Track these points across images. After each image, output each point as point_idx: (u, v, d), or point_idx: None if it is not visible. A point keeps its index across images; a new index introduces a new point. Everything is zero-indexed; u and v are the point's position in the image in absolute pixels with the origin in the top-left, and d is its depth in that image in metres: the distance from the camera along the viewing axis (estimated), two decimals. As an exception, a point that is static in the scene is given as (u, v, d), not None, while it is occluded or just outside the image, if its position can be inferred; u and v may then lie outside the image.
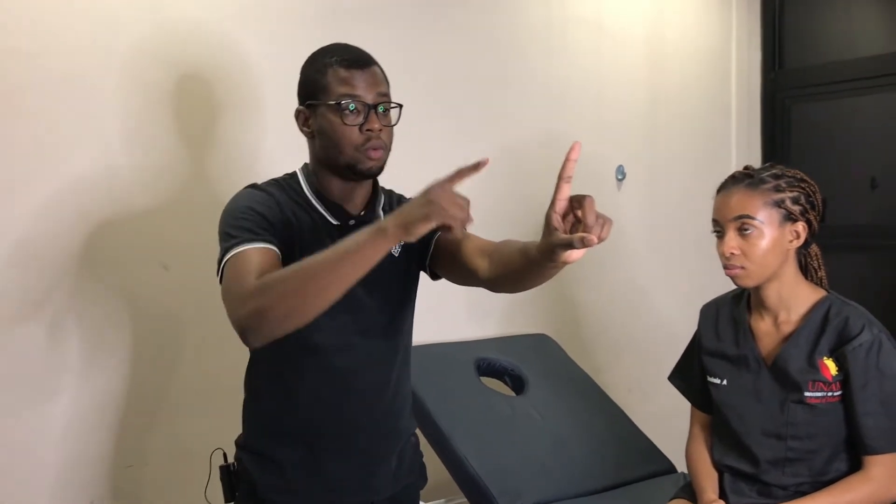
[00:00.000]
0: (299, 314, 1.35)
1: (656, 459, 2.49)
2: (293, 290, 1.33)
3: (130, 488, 2.19)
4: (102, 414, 2.14)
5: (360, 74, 1.53)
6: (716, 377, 1.87)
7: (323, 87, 1.54)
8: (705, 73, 3.58)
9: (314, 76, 1.57)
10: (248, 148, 2.33)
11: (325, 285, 1.32)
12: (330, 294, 1.34)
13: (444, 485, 2.35)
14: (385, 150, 1.56)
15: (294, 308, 1.34)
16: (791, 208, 1.73)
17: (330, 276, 1.32)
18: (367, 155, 1.53)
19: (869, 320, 1.72)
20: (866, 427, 1.69)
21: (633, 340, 3.30)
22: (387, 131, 1.56)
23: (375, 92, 1.54)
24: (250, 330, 1.37)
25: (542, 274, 1.45)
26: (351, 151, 1.53)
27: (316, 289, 1.33)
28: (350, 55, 1.56)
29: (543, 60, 3.04)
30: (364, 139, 1.52)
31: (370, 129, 1.52)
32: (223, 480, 1.67)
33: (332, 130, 1.53)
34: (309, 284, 1.33)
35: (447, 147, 2.77)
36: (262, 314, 1.34)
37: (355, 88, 1.52)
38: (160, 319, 2.20)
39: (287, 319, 1.35)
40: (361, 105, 1.52)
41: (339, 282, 1.33)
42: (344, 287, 1.34)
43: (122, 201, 2.13)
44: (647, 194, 3.37)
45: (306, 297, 1.33)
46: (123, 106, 2.14)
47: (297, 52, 1.64)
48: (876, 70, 3.46)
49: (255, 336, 1.38)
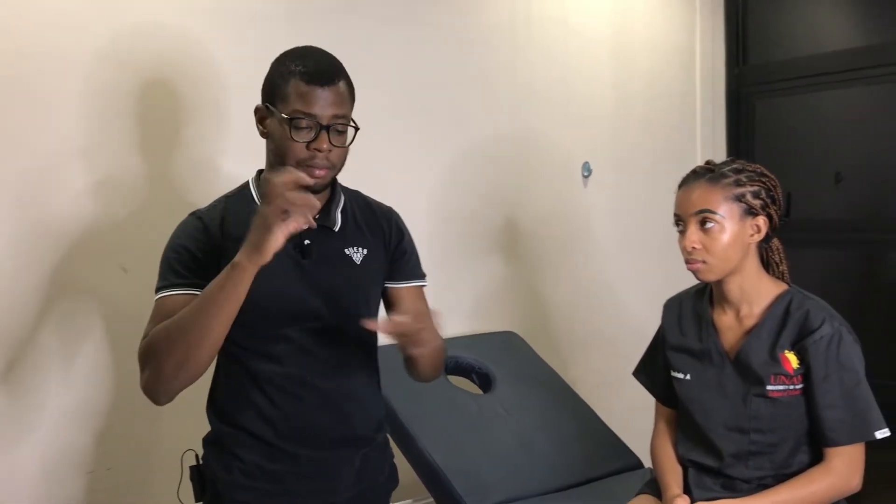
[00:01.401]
0: (190, 364, 1.43)
1: (623, 455, 2.50)
2: (173, 343, 1.42)
3: (99, 493, 2.16)
4: (73, 418, 2.12)
5: (320, 92, 1.50)
6: (680, 372, 1.87)
7: (282, 95, 1.52)
8: (670, 70, 3.60)
9: (277, 80, 1.54)
10: (210, 152, 2.31)
11: (202, 332, 1.41)
12: (211, 338, 1.42)
13: (412, 485, 2.34)
14: (331, 169, 1.55)
15: (181, 361, 1.42)
16: (752, 202, 1.73)
17: (203, 322, 1.40)
18: (309, 172, 1.50)
19: (829, 314, 1.73)
20: (827, 420, 1.70)
21: (600, 337, 3.31)
22: (337, 152, 1.54)
23: (332, 113, 1.51)
24: (153, 395, 1.49)
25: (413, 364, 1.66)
26: (293, 165, 1.50)
27: (195, 338, 1.41)
28: (315, 68, 1.52)
29: (510, 58, 3.04)
30: (309, 156, 1.51)
31: (318, 148, 1.50)
32: (193, 480, 1.67)
33: (279, 141, 1.52)
34: (187, 336, 1.41)
35: (414, 145, 2.76)
36: (155, 379, 1.45)
37: (311, 107, 1.50)
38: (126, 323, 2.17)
39: (179, 372, 1.43)
40: (314, 123, 1.50)
41: (214, 324, 1.41)
42: (222, 327, 1.42)
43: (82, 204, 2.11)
44: (613, 190, 3.38)
45: (188, 347, 1.41)
46: (85, 109, 2.11)
47: (262, 56, 1.62)
48: (839, 65, 3.50)
49: (159, 397, 1.49)
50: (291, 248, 1.56)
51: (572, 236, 3.25)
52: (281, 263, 1.55)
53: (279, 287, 1.55)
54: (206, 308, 1.40)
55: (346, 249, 1.63)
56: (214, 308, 1.40)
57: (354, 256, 1.63)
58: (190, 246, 1.53)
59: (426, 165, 2.80)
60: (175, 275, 1.52)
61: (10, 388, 2.04)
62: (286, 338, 1.57)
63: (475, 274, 2.96)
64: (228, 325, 1.43)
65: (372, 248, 1.66)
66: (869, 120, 3.50)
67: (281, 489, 1.59)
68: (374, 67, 2.51)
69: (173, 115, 2.25)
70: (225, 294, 1.39)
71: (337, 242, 1.63)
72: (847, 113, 3.60)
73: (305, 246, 1.59)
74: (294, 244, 1.57)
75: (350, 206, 1.68)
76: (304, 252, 1.58)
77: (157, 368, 1.45)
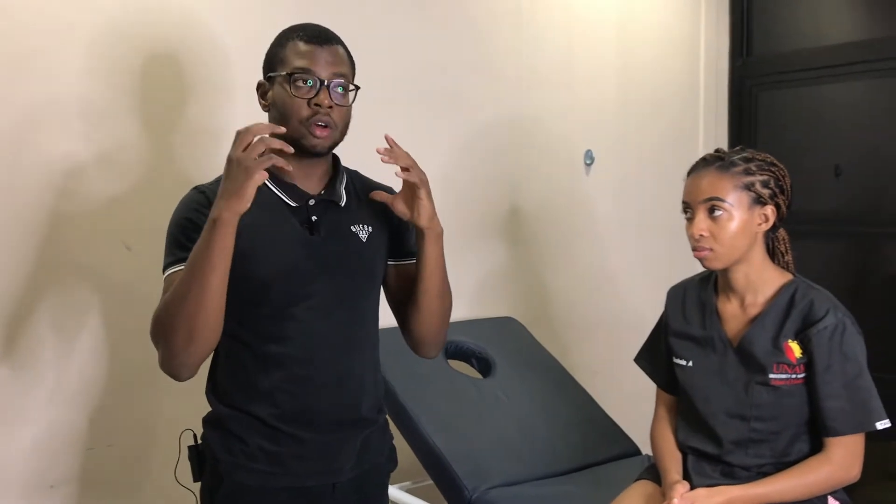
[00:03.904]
0: (196, 333, 1.42)
1: (621, 442, 2.52)
2: (175, 316, 1.42)
3: (96, 470, 2.16)
4: (71, 395, 2.12)
5: (319, 50, 1.52)
6: (682, 359, 1.88)
7: (281, 59, 1.54)
8: (674, 59, 3.60)
9: (276, 49, 1.57)
10: (215, 129, 2.30)
11: (200, 297, 1.39)
12: (211, 301, 1.41)
13: (411, 467, 2.34)
14: (334, 129, 1.54)
15: (188, 331, 1.41)
16: (760, 192, 1.73)
17: (197, 287, 1.39)
18: (312, 130, 1.51)
19: (834, 304, 1.74)
20: (828, 409, 1.71)
21: (599, 324, 3.32)
22: (339, 111, 1.54)
23: (332, 70, 1.52)
24: (173, 372, 1.48)
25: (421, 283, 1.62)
26: (296, 124, 1.51)
27: (194, 305, 1.40)
28: (313, 31, 1.55)
29: (514, 43, 3.03)
30: (311, 113, 1.50)
31: (318, 103, 1.50)
32: (191, 460, 1.66)
33: (281, 102, 1.52)
34: (186, 305, 1.40)
35: (416, 130, 2.74)
36: (169, 355, 1.45)
37: (311, 63, 1.51)
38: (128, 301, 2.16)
39: (190, 344, 1.43)
40: (314, 80, 1.51)
41: (208, 286, 1.39)
42: (217, 287, 1.40)
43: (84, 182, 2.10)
44: (614, 179, 3.38)
45: (189, 316, 1.40)
46: (88, 85, 2.10)
47: (267, 34, 1.61)
48: (842, 59, 3.50)
49: (179, 373, 1.48)
50: (299, 225, 1.56)
51: (574, 223, 3.25)
52: (289, 241, 1.55)
53: (288, 266, 1.54)
54: (197, 271, 1.39)
55: (353, 226, 1.61)
56: (206, 267, 1.38)
57: (360, 234, 1.61)
58: (193, 217, 1.52)
59: (428, 150, 2.77)
60: (181, 248, 1.50)
61: (10, 363, 2.03)
62: (292, 316, 1.55)
63: (476, 259, 2.96)
64: (224, 284, 1.41)
65: (376, 227, 1.65)
66: (869, 114, 3.51)
67: (282, 471, 1.57)
68: (377, 50, 2.50)
69: (177, 92, 2.24)
70: (212, 251, 1.37)
71: (343, 218, 1.61)
72: (848, 106, 3.60)
73: (313, 222, 1.57)
74: (301, 220, 1.56)
75: (352, 184, 1.67)
76: (312, 228, 1.57)
77: (167, 345, 1.45)
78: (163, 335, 1.45)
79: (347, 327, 1.62)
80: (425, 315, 1.65)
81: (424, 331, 1.67)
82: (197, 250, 1.40)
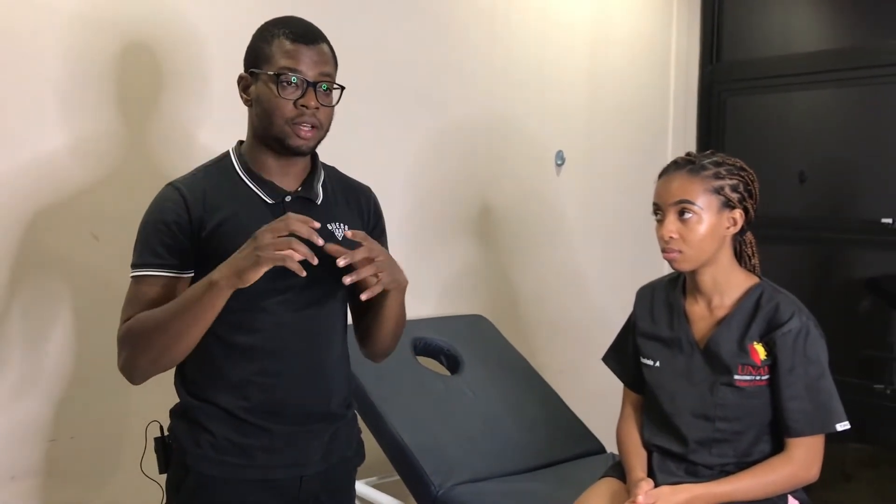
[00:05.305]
0: (164, 360, 1.50)
1: (586, 440, 2.54)
2: (149, 341, 1.48)
3: (58, 462, 2.14)
4: (36, 386, 2.09)
5: (305, 50, 1.52)
6: (649, 359, 1.90)
7: (266, 56, 1.53)
8: (645, 64, 3.63)
9: (260, 44, 1.55)
10: (189, 121, 2.28)
11: (178, 336, 1.46)
12: (186, 342, 1.47)
13: (378, 462, 2.35)
14: (319, 129, 1.55)
15: (156, 357, 1.49)
16: (730, 195, 1.76)
17: (178, 329, 1.45)
18: (297, 131, 1.51)
19: (798, 308, 1.77)
20: (790, 410, 1.74)
21: (566, 323, 3.35)
22: (324, 111, 1.54)
23: (318, 70, 1.52)
24: (128, 377, 1.54)
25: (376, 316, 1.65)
26: (281, 124, 1.51)
27: (171, 340, 1.46)
28: (300, 29, 1.54)
29: (488, 44, 3.04)
30: (297, 114, 1.51)
31: (305, 104, 1.50)
32: (157, 452, 1.65)
33: (266, 101, 1.52)
34: (163, 338, 1.46)
35: (388, 126, 2.75)
36: (131, 365, 1.51)
37: (298, 63, 1.51)
38: (95, 291, 2.14)
39: (154, 365, 1.51)
40: (301, 80, 1.51)
41: (189, 332, 1.46)
42: (197, 333, 1.47)
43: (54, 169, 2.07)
44: (585, 179, 3.41)
45: (163, 347, 1.47)
46: (61, 69, 2.07)
47: (245, 23, 1.61)
48: (809, 67, 3.55)
49: (133, 380, 1.54)
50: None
51: (543, 223, 3.27)
52: None
53: None
54: (182, 317, 1.44)
55: (329, 225, 1.61)
56: (189, 318, 1.44)
57: (336, 232, 1.61)
58: (169, 221, 1.52)
59: (399, 148, 2.80)
60: (152, 254, 1.51)
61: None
62: (264, 310, 1.55)
63: (446, 257, 2.97)
64: (204, 330, 1.47)
65: (352, 226, 1.65)
66: (835, 122, 3.57)
67: (250, 462, 1.57)
68: (350, 46, 2.47)
69: (152, 81, 2.22)
70: (201, 307, 1.43)
71: (319, 216, 1.61)
72: (814, 114, 3.67)
73: None
74: (276, 216, 1.55)
75: (329, 182, 1.67)
76: None
77: (132, 357, 1.51)
78: (131, 348, 1.50)
79: (318, 322, 1.62)
80: (381, 337, 1.70)
81: (378, 349, 1.74)
82: (187, 301, 1.45)
